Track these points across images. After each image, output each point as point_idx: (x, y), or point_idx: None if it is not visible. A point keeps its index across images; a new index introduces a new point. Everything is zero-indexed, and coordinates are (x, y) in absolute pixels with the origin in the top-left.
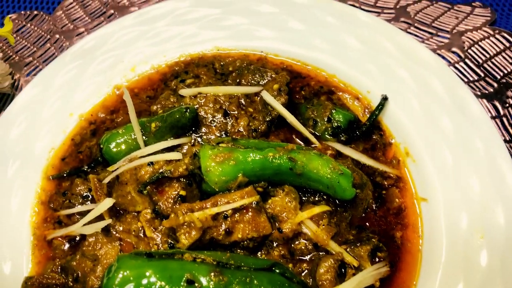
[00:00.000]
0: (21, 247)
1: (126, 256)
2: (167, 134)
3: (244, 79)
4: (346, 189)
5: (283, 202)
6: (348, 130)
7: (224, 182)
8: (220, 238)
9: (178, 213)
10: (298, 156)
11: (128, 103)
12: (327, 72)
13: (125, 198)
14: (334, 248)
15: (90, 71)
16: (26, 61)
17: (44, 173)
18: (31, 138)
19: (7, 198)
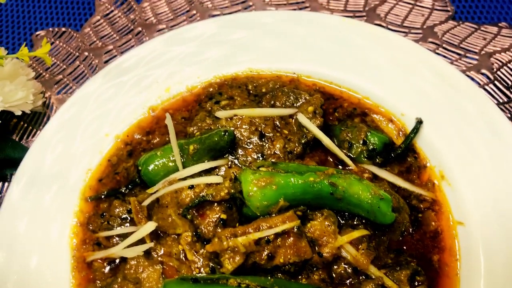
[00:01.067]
0: (61, 269)
1: (172, 282)
2: (204, 156)
3: (278, 101)
4: (386, 214)
5: (322, 226)
6: (383, 153)
7: (266, 207)
8: (263, 262)
9: (222, 238)
10: (338, 181)
11: (169, 127)
12: (360, 94)
13: (165, 221)
14: (374, 272)
15: (125, 92)
16: (56, 79)
17: (82, 194)
18: (68, 159)
19: (46, 220)
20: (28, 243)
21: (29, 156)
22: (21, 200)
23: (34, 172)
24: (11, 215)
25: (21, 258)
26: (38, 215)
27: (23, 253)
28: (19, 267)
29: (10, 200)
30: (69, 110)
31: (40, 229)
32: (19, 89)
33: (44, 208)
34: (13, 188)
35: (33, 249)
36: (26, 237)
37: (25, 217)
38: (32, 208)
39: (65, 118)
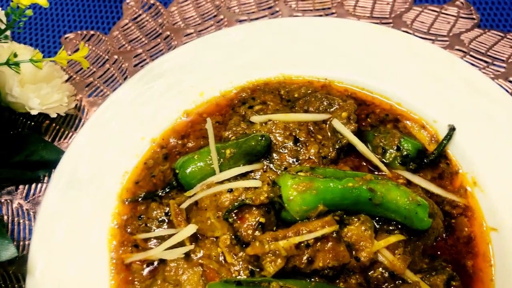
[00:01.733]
0: (100, 271)
1: (216, 284)
2: (240, 160)
3: (312, 106)
4: (423, 219)
5: (359, 231)
6: (416, 159)
7: (305, 211)
8: (303, 266)
9: (264, 241)
10: (377, 187)
11: (209, 132)
12: (391, 100)
13: (204, 223)
14: (410, 277)
15: (159, 96)
16: (87, 82)
17: (119, 196)
18: (104, 162)
19: (83, 222)
20: (66, 246)
21: (66, 159)
22: (59, 203)
23: (71, 175)
24: (49, 219)
25: (60, 260)
26: (75, 217)
27: (62, 255)
28: (59, 270)
29: (47, 203)
30: (104, 113)
31: (78, 231)
32: (54, 92)
33: (81, 211)
34: (50, 191)
35: (72, 251)
36: (64, 240)
37: (63, 219)
38: (70, 211)
39: (100, 121)
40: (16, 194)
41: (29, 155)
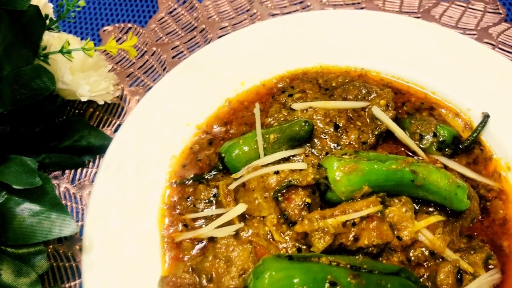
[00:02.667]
0: (152, 250)
1: (270, 258)
2: (283, 145)
3: (350, 94)
4: (462, 200)
5: (400, 212)
6: (452, 145)
7: (350, 192)
8: (349, 243)
9: (313, 219)
10: (419, 169)
11: (256, 116)
12: (426, 89)
13: (252, 203)
14: (450, 255)
15: (202, 85)
16: (127, 72)
17: (168, 179)
18: (152, 146)
19: (134, 205)
20: (118, 226)
21: (115, 144)
22: (110, 186)
23: (120, 160)
24: (101, 201)
25: (113, 240)
26: (126, 199)
27: (115, 235)
28: (113, 248)
29: (99, 186)
30: (150, 101)
31: (129, 212)
32: (102, 80)
33: (132, 193)
34: (101, 174)
35: (124, 231)
36: (116, 220)
37: (114, 201)
38: (121, 193)
39: (147, 109)
40: (63, 179)
41: (77, 140)
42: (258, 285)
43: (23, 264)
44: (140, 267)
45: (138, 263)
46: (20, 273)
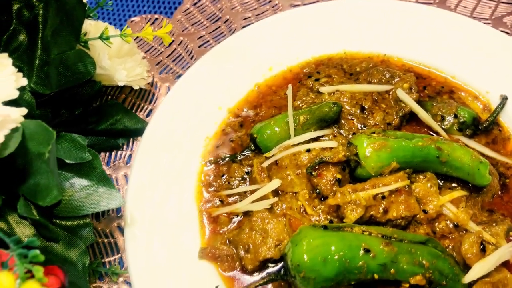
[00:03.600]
0: (192, 223)
1: (307, 227)
2: (312, 126)
3: (375, 78)
4: (484, 176)
5: (425, 187)
6: (472, 126)
7: (380, 168)
8: (379, 216)
9: (345, 192)
10: (443, 146)
11: (289, 97)
12: (446, 74)
13: (284, 180)
14: (473, 227)
15: (231, 70)
16: (156, 60)
17: (203, 158)
18: (187, 129)
19: (172, 183)
20: (158, 204)
21: (152, 126)
22: (148, 166)
23: (157, 141)
24: (140, 180)
25: (153, 215)
26: (164, 178)
27: (155, 211)
28: (153, 223)
29: (137, 167)
30: (184, 86)
31: (167, 190)
32: (136, 66)
33: (169, 172)
34: (139, 156)
35: (163, 208)
36: (156, 200)
37: (152, 180)
38: (158, 172)
39: (181, 93)
40: None
41: (113, 123)
42: (297, 252)
43: (72, 235)
44: (180, 239)
45: (178, 236)
46: (71, 244)
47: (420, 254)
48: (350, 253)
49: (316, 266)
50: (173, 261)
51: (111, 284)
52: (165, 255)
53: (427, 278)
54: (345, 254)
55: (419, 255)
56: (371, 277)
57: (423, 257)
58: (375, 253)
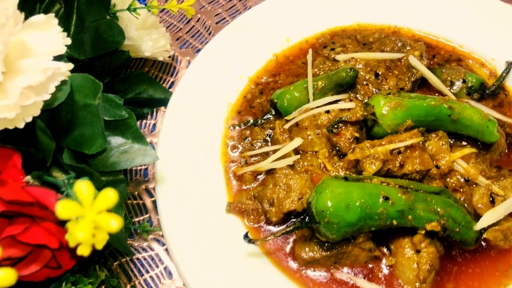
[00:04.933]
0: (219, 181)
1: (330, 178)
2: (330, 91)
3: (387, 47)
4: (493, 133)
5: (438, 145)
6: (479, 90)
7: (396, 125)
8: (395, 169)
9: (364, 147)
10: (454, 105)
11: (308, 61)
12: (454, 43)
13: (305, 140)
14: (483, 181)
15: (251, 42)
16: (176, 36)
17: (226, 123)
18: (210, 96)
19: (198, 145)
20: (186, 165)
21: (177, 94)
22: (175, 131)
23: (183, 107)
24: (168, 144)
25: (182, 175)
26: (191, 142)
27: (184, 171)
28: (183, 181)
29: (165, 132)
30: (205, 57)
31: (194, 153)
32: (161, 38)
33: (195, 136)
34: (167, 120)
35: (191, 169)
36: (184, 161)
37: (179, 144)
38: (185, 136)
39: (203, 64)
40: None
41: (139, 93)
42: (322, 199)
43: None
44: (208, 196)
45: (206, 193)
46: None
47: (435, 203)
48: (371, 200)
49: (340, 211)
50: (202, 216)
51: (141, 242)
52: (195, 211)
53: (441, 224)
54: (366, 201)
55: (434, 203)
56: (390, 223)
57: (438, 205)
58: (394, 201)
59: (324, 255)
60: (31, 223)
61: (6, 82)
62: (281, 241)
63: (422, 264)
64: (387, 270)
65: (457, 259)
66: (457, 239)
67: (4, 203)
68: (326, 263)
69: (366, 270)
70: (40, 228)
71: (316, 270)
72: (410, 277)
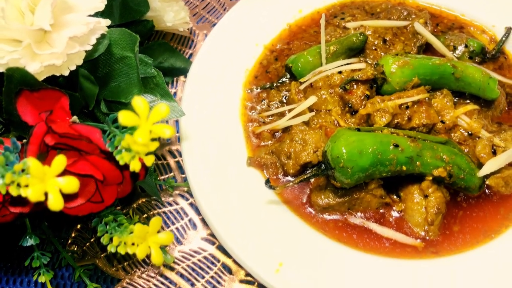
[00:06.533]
0: (239, 138)
1: (344, 129)
2: (342, 55)
3: (394, 16)
4: (493, 89)
5: (442, 102)
6: (480, 54)
7: (404, 83)
8: (403, 123)
9: (375, 102)
10: (457, 64)
11: (322, 25)
12: (456, 12)
13: (319, 99)
14: (485, 135)
15: (265, 13)
16: (193, 12)
17: (244, 87)
18: (229, 63)
19: (219, 108)
20: (208, 124)
21: (197, 62)
22: (197, 95)
23: (203, 73)
24: (190, 106)
25: (205, 134)
26: (211, 105)
27: (206, 131)
28: (205, 140)
29: (187, 95)
30: (223, 28)
31: (215, 113)
32: (181, 10)
33: (215, 99)
34: (189, 86)
35: (213, 128)
36: (206, 121)
37: (202, 107)
38: (206, 99)
39: (221, 34)
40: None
41: (161, 62)
42: (337, 146)
43: None
44: (229, 152)
45: (227, 149)
46: None
47: (441, 151)
48: (382, 147)
49: (353, 157)
50: (225, 170)
51: (167, 197)
52: (218, 165)
53: (447, 171)
54: (378, 148)
55: (440, 151)
56: (399, 169)
57: (444, 153)
58: (403, 148)
59: (338, 201)
60: (79, 157)
61: (53, 34)
62: (298, 191)
63: (430, 207)
64: (398, 214)
65: (462, 205)
66: (462, 186)
67: (56, 135)
68: (340, 209)
69: (377, 215)
70: (86, 162)
71: (331, 215)
72: (419, 220)
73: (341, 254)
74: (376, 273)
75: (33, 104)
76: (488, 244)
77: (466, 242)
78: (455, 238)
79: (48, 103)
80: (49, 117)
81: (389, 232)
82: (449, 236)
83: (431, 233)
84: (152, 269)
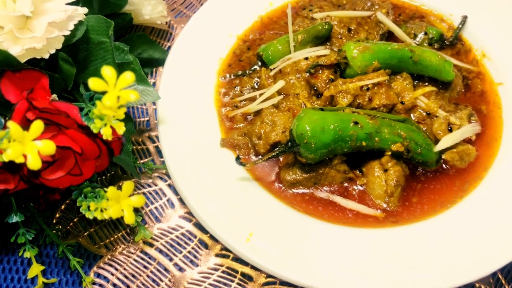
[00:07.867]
0: (213, 122)
1: (308, 109)
2: (309, 43)
3: (358, 7)
4: (449, 72)
5: (402, 85)
6: (439, 41)
7: (364, 66)
8: (365, 103)
9: (337, 84)
10: (415, 49)
11: (288, 15)
12: (416, 2)
13: (287, 84)
14: (441, 114)
15: (240, 6)
16: (171, 7)
17: (218, 74)
18: (203, 52)
19: (195, 93)
20: (184, 109)
21: (174, 51)
22: (173, 83)
23: (179, 62)
24: (167, 94)
25: (181, 118)
26: (187, 91)
27: (182, 115)
28: (181, 123)
29: (165, 82)
30: (198, 19)
31: (191, 100)
32: (158, 4)
33: (191, 86)
34: (166, 72)
35: (189, 112)
36: (182, 106)
37: (178, 93)
38: (183, 86)
39: (196, 25)
40: None
41: (139, 53)
42: (301, 124)
43: None
44: (204, 134)
45: (202, 132)
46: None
47: (399, 127)
48: (343, 124)
49: (316, 133)
50: (200, 151)
51: (146, 179)
52: (193, 146)
53: (405, 146)
54: (339, 125)
55: (398, 128)
56: (359, 145)
57: (401, 130)
58: (363, 125)
59: (305, 177)
60: (58, 131)
61: (34, 21)
62: (269, 169)
63: (390, 180)
64: (361, 188)
65: (420, 178)
66: (420, 160)
67: (37, 111)
68: (307, 184)
69: (341, 189)
70: (65, 136)
71: (298, 190)
72: (379, 193)
73: (308, 224)
74: (340, 241)
75: (15, 84)
76: (444, 213)
77: (424, 212)
78: (414, 208)
79: (30, 83)
80: (30, 94)
81: (352, 204)
82: (408, 207)
83: (391, 204)
84: (132, 246)
